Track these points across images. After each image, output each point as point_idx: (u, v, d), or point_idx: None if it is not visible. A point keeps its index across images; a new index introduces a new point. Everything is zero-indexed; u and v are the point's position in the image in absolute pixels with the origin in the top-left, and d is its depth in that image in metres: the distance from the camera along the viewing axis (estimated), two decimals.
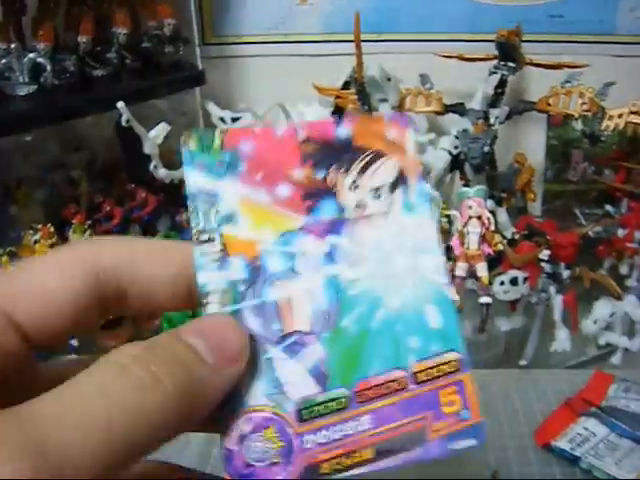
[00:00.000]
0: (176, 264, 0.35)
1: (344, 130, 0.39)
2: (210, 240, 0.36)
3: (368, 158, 0.39)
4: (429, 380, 0.36)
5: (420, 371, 0.36)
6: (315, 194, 0.38)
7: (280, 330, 0.35)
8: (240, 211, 0.37)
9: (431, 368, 0.36)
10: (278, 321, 0.35)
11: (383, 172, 0.39)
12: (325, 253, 0.37)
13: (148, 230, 1.32)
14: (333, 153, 0.39)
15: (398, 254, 0.38)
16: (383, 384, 0.36)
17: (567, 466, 0.91)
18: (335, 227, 0.38)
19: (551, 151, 1.53)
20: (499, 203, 1.32)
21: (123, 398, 0.25)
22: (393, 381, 0.36)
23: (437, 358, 0.37)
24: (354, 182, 0.39)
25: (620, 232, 1.27)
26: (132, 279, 0.33)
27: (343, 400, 0.35)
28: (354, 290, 0.37)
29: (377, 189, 0.39)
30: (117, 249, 0.34)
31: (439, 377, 0.36)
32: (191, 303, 0.35)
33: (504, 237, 1.26)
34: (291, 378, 0.35)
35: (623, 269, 1.28)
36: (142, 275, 0.34)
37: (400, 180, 0.39)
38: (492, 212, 1.27)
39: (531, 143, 1.52)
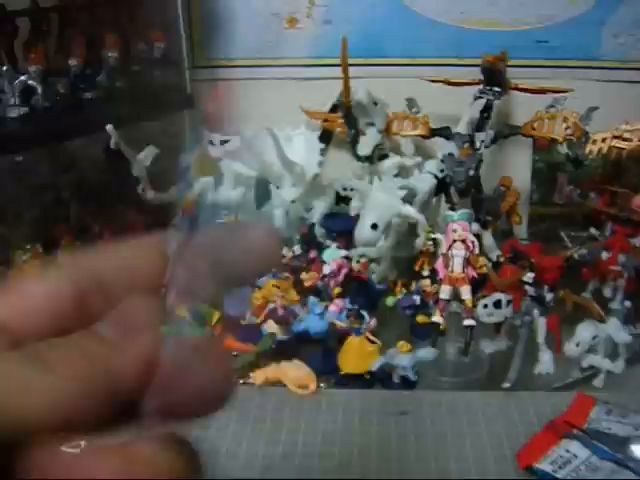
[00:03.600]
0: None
1: None
2: None
3: None
4: None
5: None
6: None
7: None
8: None
9: None
10: None
11: None
12: None
13: None
14: None
15: None
16: None
17: None
18: None
19: (537, 174, 1.55)
20: (484, 226, 1.34)
21: None
22: None
23: None
24: None
25: (604, 255, 1.28)
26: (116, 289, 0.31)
27: None
28: None
29: None
30: (101, 263, 0.31)
31: None
32: None
33: (489, 260, 1.28)
34: None
35: (607, 292, 1.29)
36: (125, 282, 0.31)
37: None
38: (477, 235, 1.29)
39: (517, 166, 1.54)
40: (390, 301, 1.26)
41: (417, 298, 1.22)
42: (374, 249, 1.26)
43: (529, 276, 1.18)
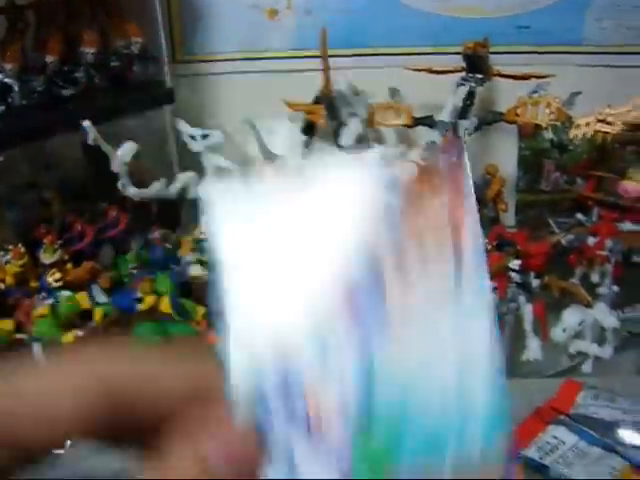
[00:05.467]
0: (194, 379, 0.32)
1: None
2: None
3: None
4: None
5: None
6: None
7: (306, 427, 0.32)
8: None
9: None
10: (305, 417, 0.32)
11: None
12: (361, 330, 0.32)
13: (120, 249, 1.31)
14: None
15: (443, 321, 0.32)
16: None
17: (536, 475, 0.90)
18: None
19: (523, 161, 1.53)
20: None
21: None
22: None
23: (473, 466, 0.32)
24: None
25: (591, 240, 1.27)
26: (145, 399, 0.31)
27: None
28: (386, 372, 0.32)
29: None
30: (132, 370, 0.32)
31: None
32: None
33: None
34: None
35: (595, 277, 1.28)
36: (156, 395, 0.31)
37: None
38: None
39: (503, 154, 1.53)
40: None
41: None
42: None
43: (515, 263, 1.17)
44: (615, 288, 1.23)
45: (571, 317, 1.09)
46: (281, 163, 1.33)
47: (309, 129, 1.42)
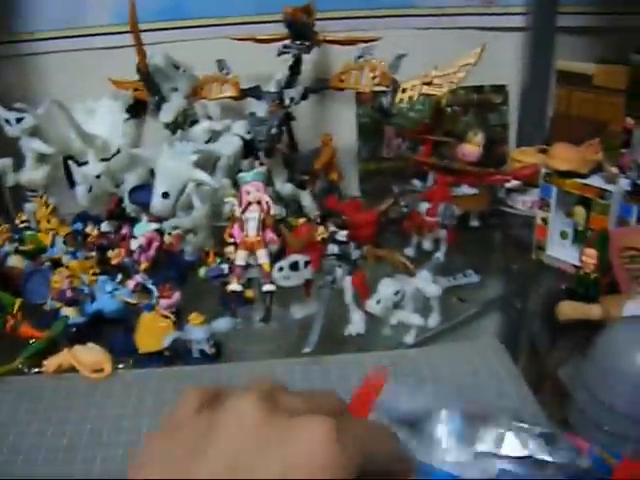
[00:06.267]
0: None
1: None
2: None
3: None
4: None
5: None
6: None
7: None
8: None
9: None
10: None
11: None
12: None
13: None
14: None
15: None
16: None
17: None
18: None
19: (363, 130, 1.50)
20: (301, 186, 1.29)
21: None
22: None
23: None
24: None
25: (425, 206, 1.25)
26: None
27: None
28: None
29: None
30: (378, 449, 0.40)
31: None
32: None
33: (309, 220, 1.24)
34: None
35: (427, 244, 1.26)
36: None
37: None
38: (294, 195, 1.24)
39: (342, 123, 1.49)
40: (202, 272, 1.21)
41: (225, 267, 1.17)
42: (187, 219, 1.21)
43: (341, 234, 1.14)
44: (440, 255, 1.21)
45: (385, 288, 1.05)
46: (102, 143, 1.29)
47: (137, 106, 1.36)
